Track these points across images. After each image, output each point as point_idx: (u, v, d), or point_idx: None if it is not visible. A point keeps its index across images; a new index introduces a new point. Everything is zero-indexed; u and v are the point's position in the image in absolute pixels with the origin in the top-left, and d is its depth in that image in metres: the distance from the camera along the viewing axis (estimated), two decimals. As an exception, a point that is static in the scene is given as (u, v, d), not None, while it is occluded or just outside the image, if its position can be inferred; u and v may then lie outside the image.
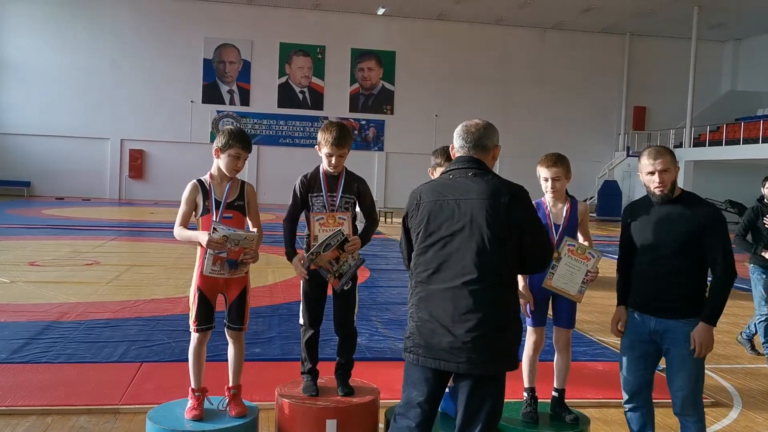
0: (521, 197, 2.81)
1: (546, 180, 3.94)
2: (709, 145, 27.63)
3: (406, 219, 2.99)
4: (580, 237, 3.99)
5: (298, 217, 3.95)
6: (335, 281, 3.79)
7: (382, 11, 30.46)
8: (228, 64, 30.77)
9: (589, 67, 32.90)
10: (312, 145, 4.31)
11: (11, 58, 28.88)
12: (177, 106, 30.00)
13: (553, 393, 4.00)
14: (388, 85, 32.02)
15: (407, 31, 31.63)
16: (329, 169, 3.88)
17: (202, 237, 3.55)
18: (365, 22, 31.33)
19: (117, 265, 10.84)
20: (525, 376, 3.99)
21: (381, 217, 19.36)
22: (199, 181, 3.78)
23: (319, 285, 3.88)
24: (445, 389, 2.94)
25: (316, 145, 3.93)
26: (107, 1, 29.55)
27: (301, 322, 3.98)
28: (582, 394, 4.91)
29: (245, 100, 30.99)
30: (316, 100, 31.53)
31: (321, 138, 3.86)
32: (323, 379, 3.98)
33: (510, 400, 3.57)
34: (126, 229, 17.35)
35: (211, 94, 30.68)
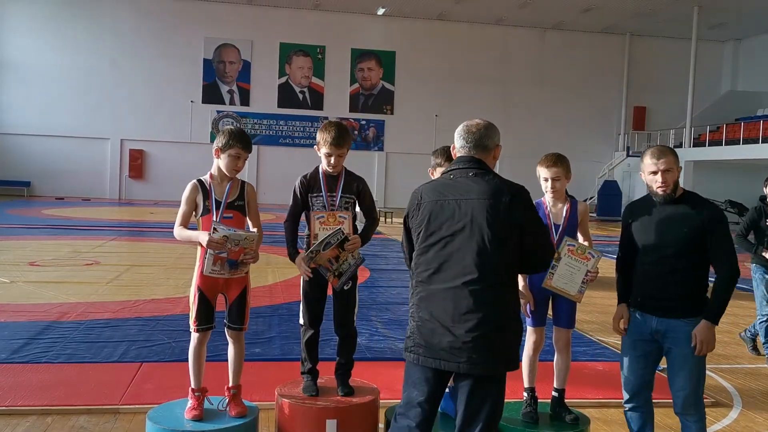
0: (522, 197, 2.81)
1: (546, 180, 3.95)
2: (709, 145, 27.62)
3: (407, 219, 3.00)
4: (580, 237, 3.99)
5: (298, 218, 3.95)
6: (335, 280, 3.79)
7: (382, 11, 30.45)
8: (228, 64, 30.77)
9: (589, 67, 32.90)
10: (312, 145, 4.31)
11: (11, 58, 28.88)
12: (177, 106, 30.00)
13: (553, 393, 4.01)
14: (388, 85, 32.01)
15: (407, 31, 31.63)
16: (328, 169, 3.88)
17: (203, 237, 3.55)
18: (365, 22, 31.33)
19: (117, 265, 10.84)
20: (525, 376, 3.99)
21: (381, 217, 19.35)
22: (199, 181, 3.78)
23: (319, 285, 3.88)
24: (446, 389, 2.94)
25: (315, 145, 3.94)
26: (107, 1, 29.55)
27: (301, 322, 3.98)
28: (582, 394, 4.91)
29: (245, 100, 30.99)
30: (316, 100, 31.53)
31: (320, 138, 3.87)
32: (323, 379, 3.98)
33: (510, 400, 3.57)
34: (126, 229, 17.33)
35: (211, 94, 30.68)
